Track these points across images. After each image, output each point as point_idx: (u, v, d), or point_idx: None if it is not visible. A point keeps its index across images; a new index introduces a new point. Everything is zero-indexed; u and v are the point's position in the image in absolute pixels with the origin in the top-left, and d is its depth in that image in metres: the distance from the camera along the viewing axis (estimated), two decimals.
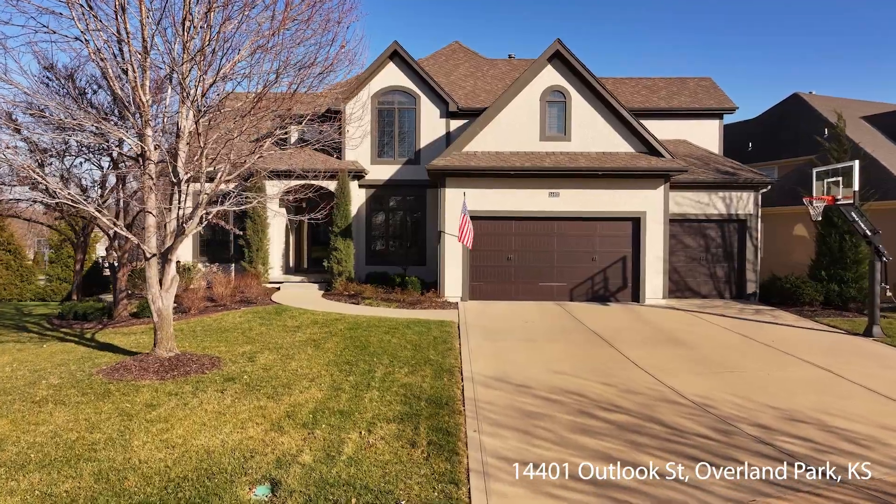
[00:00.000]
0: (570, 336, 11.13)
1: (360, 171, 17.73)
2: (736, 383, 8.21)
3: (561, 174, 14.67)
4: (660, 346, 10.41)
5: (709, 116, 18.37)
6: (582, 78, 14.93)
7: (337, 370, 8.56)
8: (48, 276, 27.18)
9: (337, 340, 10.40)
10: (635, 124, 14.86)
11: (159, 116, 9.20)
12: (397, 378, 8.14)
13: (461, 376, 8.30)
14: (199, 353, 9.66)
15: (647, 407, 7.14)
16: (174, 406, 7.03)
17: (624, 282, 15.14)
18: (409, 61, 17.91)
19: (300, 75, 8.56)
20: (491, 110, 15.23)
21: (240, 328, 11.70)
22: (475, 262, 15.15)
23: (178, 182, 8.79)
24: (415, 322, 12.00)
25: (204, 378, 8.21)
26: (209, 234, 18.55)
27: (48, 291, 25.47)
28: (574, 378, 8.32)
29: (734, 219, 15.94)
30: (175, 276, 9.03)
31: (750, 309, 14.44)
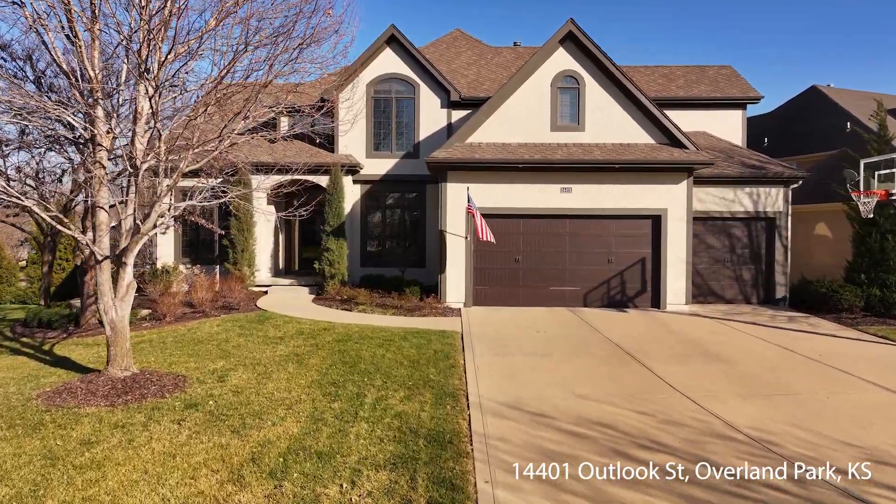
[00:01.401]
0: (590, 349, 9.81)
1: (354, 165, 16.42)
2: (792, 409, 6.90)
3: (574, 167, 13.35)
4: (693, 362, 9.10)
5: (731, 106, 17.05)
6: (597, 61, 13.60)
7: (320, 394, 7.25)
8: (30, 278, 25.93)
9: (323, 355, 9.09)
10: (656, 113, 13.53)
11: (114, 95, 7.88)
12: (391, 405, 6.83)
13: (467, 402, 6.99)
14: (162, 370, 8.36)
15: (695, 444, 5.83)
16: (116, 444, 5.72)
17: (643, 286, 13.82)
18: (408, 46, 16.59)
19: (278, 47, 7.24)
20: (497, 98, 13.91)
21: (215, 339, 10.39)
22: (479, 265, 13.84)
23: (135, 172, 7.48)
24: (413, 332, 10.69)
25: (162, 404, 6.90)
26: (193, 234, 17.24)
27: (29, 293, 24.20)
28: (601, 404, 7.00)
29: (762, 217, 14.62)
30: (132, 282, 7.72)
31: (782, 316, 13.12)
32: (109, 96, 7.86)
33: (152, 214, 7.26)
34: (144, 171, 7.54)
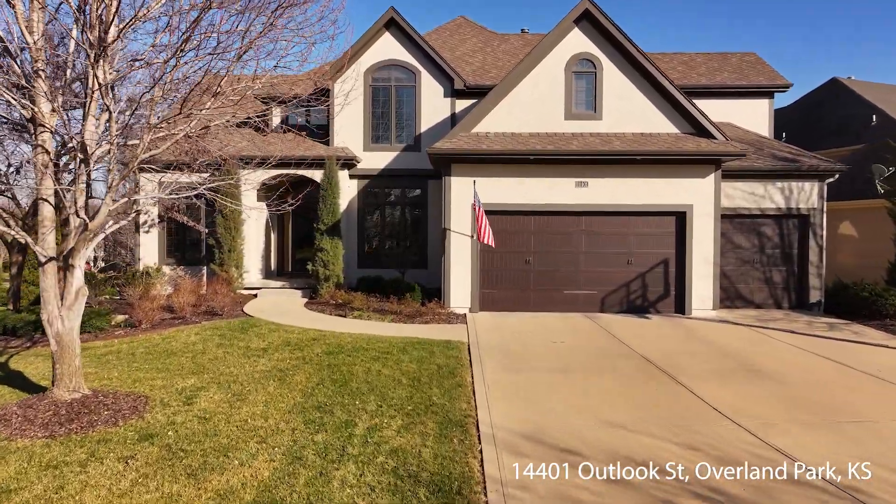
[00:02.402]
0: (615, 364, 8.62)
1: (350, 158, 15.24)
2: (869, 442, 5.71)
3: (590, 159, 12.15)
4: (737, 379, 7.90)
5: (757, 95, 15.83)
6: (616, 43, 12.40)
7: (302, 421, 6.07)
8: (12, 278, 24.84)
9: (310, 371, 7.91)
10: (681, 99, 12.33)
11: (64, 69, 6.72)
12: (386, 437, 5.65)
13: (478, 433, 5.81)
14: (123, 389, 7.20)
15: (765, 493, 4.65)
16: (40, 493, 4.55)
17: (666, 289, 12.61)
18: (409, 31, 15.41)
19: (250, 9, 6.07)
20: (505, 84, 12.72)
21: (191, 350, 9.22)
22: (487, 266, 12.65)
23: (85, 158, 6.31)
24: (413, 343, 9.50)
25: (111, 435, 5.74)
26: (180, 234, 16.09)
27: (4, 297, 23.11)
28: (639, 435, 5.81)
29: (794, 214, 13.41)
30: (82, 287, 6.54)
31: (820, 323, 11.91)
32: (58, 68, 6.70)
33: (102, 208, 6.09)
34: (97, 158, 6.38)
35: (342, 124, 15.67)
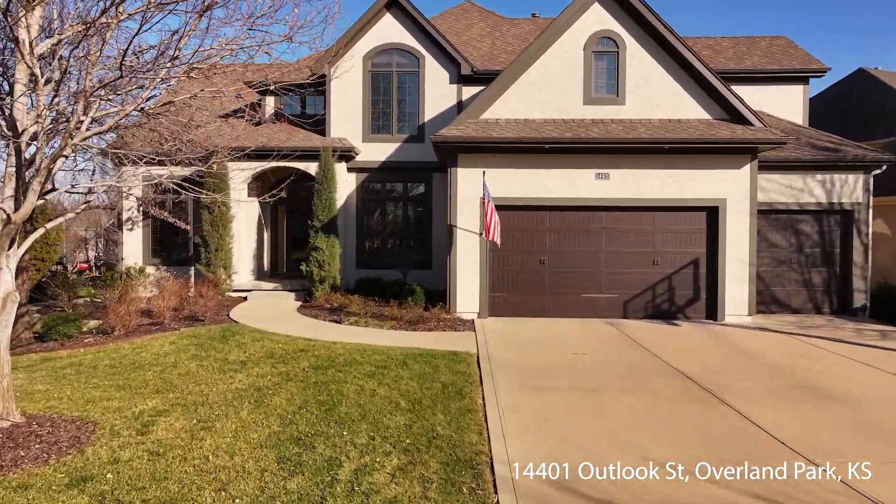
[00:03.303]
0: (650, 381, 7.40)
1: (348, 149, 14.08)
2: None
3: (612, 148, 10.94)
4: (795, 400, 6.68)
5: (790, 80, 14.56)
6: (641, 19, 11.18)
7: (275, 460, 4.90)
8: None
9: (293, 391, 6.74)
10: (714, 81, 11.10)
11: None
12: (377, 483, 4.48)
13: (493, 478, 4.62)
14: (69, 413, 6.07)
15: None
16: None
17: (696, 293, 11.38)
18: (411, 11, 14.22)
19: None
20: (517, 65, 11.51)
21: (160, 364, 8.08)
22: (497, 266, 11.46)
23: (14, 135, 5.17)
24: (415, 354, 8.32)
25: (35, 479, 4.59)
26: (167, 231, 14.97)
27: None
28: (694, 479, 4.61)
29: (835, 209, 12.15)
30: (11, 293, 5.41)
31: (869, 330, 10.67)
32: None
33: (29, 196, 4.94)
34: (30, 136, 5.25)
35: (339, 113, 14.51)
